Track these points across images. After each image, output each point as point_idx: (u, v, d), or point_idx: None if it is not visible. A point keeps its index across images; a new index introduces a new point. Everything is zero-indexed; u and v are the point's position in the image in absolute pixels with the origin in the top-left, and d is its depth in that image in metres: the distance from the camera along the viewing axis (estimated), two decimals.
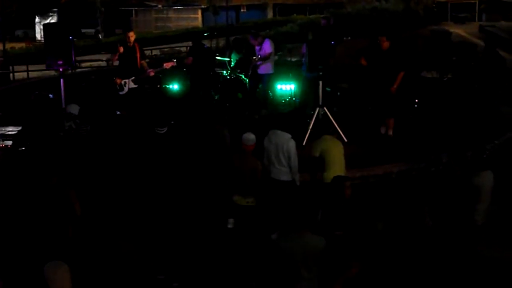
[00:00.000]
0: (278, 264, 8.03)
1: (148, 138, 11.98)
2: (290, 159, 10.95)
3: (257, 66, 17.33)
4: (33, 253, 8.67)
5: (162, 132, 11.72)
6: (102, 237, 9.30)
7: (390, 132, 15.09)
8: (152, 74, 15.87)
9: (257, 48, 17.35)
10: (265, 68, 17.34)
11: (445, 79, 18.73)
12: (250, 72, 17.65)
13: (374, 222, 10.35)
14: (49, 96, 15.76)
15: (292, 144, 11.06)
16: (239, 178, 10.64)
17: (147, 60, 17.41)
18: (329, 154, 11.12)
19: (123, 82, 15.53)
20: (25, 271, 8.17)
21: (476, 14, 58.47)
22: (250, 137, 10.77)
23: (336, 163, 11.12)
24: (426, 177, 12.14)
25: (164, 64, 16.01)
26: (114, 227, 9.90)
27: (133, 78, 15.55)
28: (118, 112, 15.92)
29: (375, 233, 9.94)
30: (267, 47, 17.27)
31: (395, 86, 14.55)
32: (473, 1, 58.88)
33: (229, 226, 11.13)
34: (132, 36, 15.74)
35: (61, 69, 14.86)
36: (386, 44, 14.62)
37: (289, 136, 11.11)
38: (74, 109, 12.65)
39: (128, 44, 15.63)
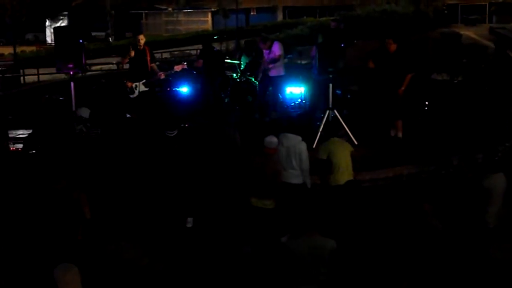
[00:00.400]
0: (286, 266, 8.05)
1: (158, 141, 11.98)
2: (301, 161, 10.94)
3: (267, 69, 17.31)
4: (42, 255, 8.68)
5: (172, 135, 11.71)
6: (111, 240, 9.31)
7: (400, 134, 15.03)
8: (162, 77, 15.92)
9: (266, 51, 17.34)
10: (276, 71, 17.31)
11: (456, 81, 18.70)
12: (261, 75, 17.63)
13: (385, 225, 10.33)
14: (59, 99, 15.82)
15: (303, 146, 11.06)
16: (259, 180, 10.58)
17: (157, 63, 17.40)
18: (336, 157, 11.09)
19: (133, 85, 15.56)
20: (35, 274, 8.18)
21: (487, 16, 58.33)
22: (273, 140, 10.68)
23: (343, 166, 11.08)
24: (437, 180, 12.12)
25: (175, 67, 16.06)
26: (123, 230, 9.90)
27: (144, 81, 15.58)
28: (128, 115, 15.94)
29: (387, 235, 9.92)
30: (277, 49, 17.25)
31: (402, 88, 14.50)
32: (483, 3, 58.75)
33: (188, 225, 11.09)
34: (142, 39, 15.77)
35: (71, 73, 14.87)
36: (393, 47, 14.59)
37: (300, 138, 11.10)
38: (84, 112, 12.66)
39: (139, 47, 15.65)
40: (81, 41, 14.69)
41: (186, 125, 14.35)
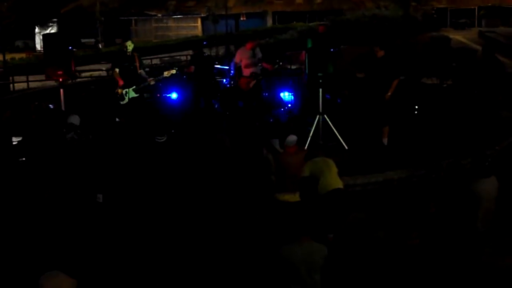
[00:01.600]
0: (279, 273, 8.04)
1: (147, 147, 11.96)
2: None
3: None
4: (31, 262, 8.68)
5: (162, 141, 11.70)
6: (107, 246, 9.31)
7: (384, 140, 15.00)
8: (152, 83, 15.89)
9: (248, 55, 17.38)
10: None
11: (445, 85, 18.74)
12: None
13: (375, 230, 10.33)
14: (49, 107, 15.78)
15: None
16: (289, 176, 10.65)
17: (147, 69, 17.39)
18: (322, 175, 10.98)
19: (123, 91, 15.54)
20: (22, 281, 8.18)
21: (476, 20, 58.60)
22: (292, 138, 10.84)
23: (329, 180, 10.95)
24: (427, 184, 12.13)
25: (164, 73, 16.02)
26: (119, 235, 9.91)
27: (134, 87, 15.56)
28: (117, 119, 15.93)
29: (377, 241, 9.92)
30: (259, 52, 17.37)
31: (389, 94, 14.48)
32: (472, 7, 58.98)
33: (99, 200, 11.06)
34: (130, 45, 15.75)
35: (60, 79, 14.84)
36: (380, 53, 14.59)
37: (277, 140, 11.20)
38: (75, 120, 12.61)
39: (127, 53, 15.64)
40: (70, 48, 14.68)
41: (173, 131, 14.31)
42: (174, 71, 16.11)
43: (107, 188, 11.14)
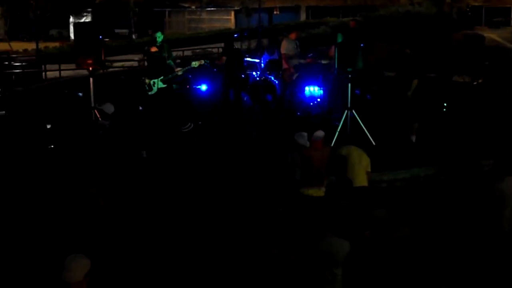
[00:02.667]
0: (301, 267, 8.01)
1: (171, 136, 11.98)
2: None
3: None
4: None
5: (187, 129, 11.72)
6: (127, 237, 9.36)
7: (413, 137, 14.95)
8: (180, 73, 15.95)
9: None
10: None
11: (475, 83, 18.59)
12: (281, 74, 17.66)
13: (400, 226, 10.27)
14: (78, 95, 15.87)
15: None
16: (313, 171, 10.63)
17: (178, 60, 17.47)
18: (352, 159, 11.01)
19: (151, 82, 15.60)
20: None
21: (511, 18, 57.95)
22: (320, 134, 10.76)
23: (356, 170, 10.96)
24: (454, 182, 12.05)
25: (192, 63, 16.05)
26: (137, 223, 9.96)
27: (162, 78, 15.61)
28: (141, 108, 15.99)
29: (401, 238, 9.86)
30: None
31: (409, 93, 14.49)
32: (508, 6, 58.37)
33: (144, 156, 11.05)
34: (159, 36, 15.86)
35: (90, 68, 14.89)
36: (407, 50, 14.62)
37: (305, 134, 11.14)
38: (109, 108, 12.66)
39: (157, 44, 15.73)
40: (100, 37, 14.71)
41: (200, 122, 14.36)
42: (203, 62, 16.15)
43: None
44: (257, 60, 19.38)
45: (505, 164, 9.90)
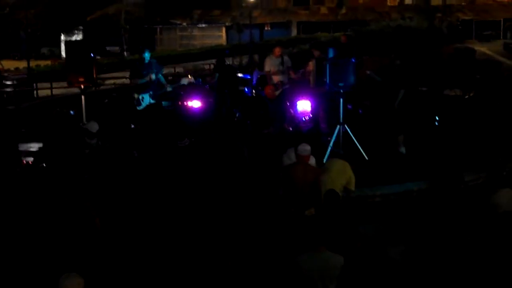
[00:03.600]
0: (295, 283, 7.99)
1: (169, 151, 11.97)
2: None
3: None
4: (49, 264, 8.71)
5: (184, 145, 11.72)
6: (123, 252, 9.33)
7: (402, 149, 14.99)
8: (169, 89, 16.01)
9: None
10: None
11: (467, 96, 18.63)
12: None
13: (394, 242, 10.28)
14: (69, 113, 15.85)
15: (312, 161, 10.99)
16: (299, 188, 10.42)
17: (170, 77, 17.51)
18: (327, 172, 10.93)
19: (140, 96, 15.61)
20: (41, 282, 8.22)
21: (501, 32, 58.28)
22: (307, 147, 10.53)
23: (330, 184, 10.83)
24: (448, 195, 12.02)
25: (181, 79, 16.11)
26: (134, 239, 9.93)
27: (151, 93, 15.62)
28: (133, 126, 15.98)
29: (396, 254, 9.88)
30: (288, 61, 17.38)
31: (395, 104, 14.55)
32: (498, 19, 58.67)
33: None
34: (146, 57, 16.02)
35: (82, 86, 14.88)
36: (397, 61, 14.70)
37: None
38: (92, 127, 12.59)
39: (145, 62, 15.81)
40: (92, 55, 14.71)
41: (192, 139, 14.36)
42: (191, 79, 16.21)
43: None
44: (248, 76, 19.38)
45: (498, 176, 9.92)
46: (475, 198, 10.18)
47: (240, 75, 20.00)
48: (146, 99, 15.66)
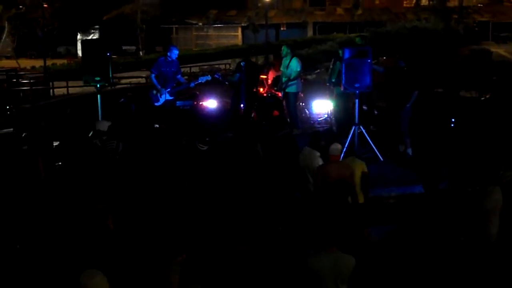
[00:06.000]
0: (307, 283, 7.98)
1: (190, 153, 11.96)
2: None
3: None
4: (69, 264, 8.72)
5: (204, 149, 11.71)
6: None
7: (409, 150, 14.98)
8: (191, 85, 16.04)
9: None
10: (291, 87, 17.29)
11: (483, 98, 18.55)
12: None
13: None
14: (84, 112, 15.87)
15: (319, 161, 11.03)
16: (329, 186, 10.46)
17: (186, 77, 17.51)
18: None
19: (158, 92, 15.63)
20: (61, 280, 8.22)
21: None
22: (338, 147, 10.71)
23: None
24: (460, 197, 12.00)
25: (199, 78, 16.11)
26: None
27: (169, 90, 15.63)
28: (157, 126, 15.99)
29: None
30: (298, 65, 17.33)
31: (407, 105, 14.54)
32: None
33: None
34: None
35: (98, 85, 14.91)
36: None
37: (318, 154, 11.08)
38: (103, 125, 12.61)
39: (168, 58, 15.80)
40: (108, 54, 14.73)
41: (207, 139, 14.35)
42: (209, 77, 16.18)
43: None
44: (264, 76, 19.39)
45: (493, 175, 9.90)
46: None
47: None
48: (164, 95, 15.66)
